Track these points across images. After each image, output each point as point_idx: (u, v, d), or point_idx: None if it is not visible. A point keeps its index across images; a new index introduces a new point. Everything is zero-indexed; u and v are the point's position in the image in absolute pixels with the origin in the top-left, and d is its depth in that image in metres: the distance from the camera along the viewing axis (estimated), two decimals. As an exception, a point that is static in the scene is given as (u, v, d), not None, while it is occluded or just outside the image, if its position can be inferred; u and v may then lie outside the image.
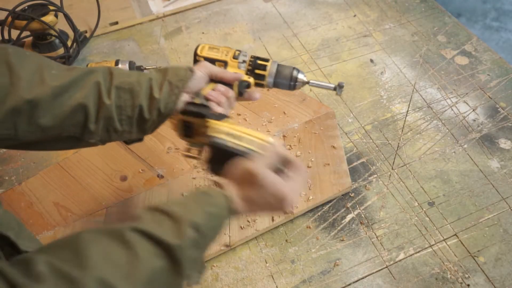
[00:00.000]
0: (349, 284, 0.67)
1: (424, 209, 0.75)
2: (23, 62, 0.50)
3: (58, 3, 0.98)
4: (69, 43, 1.01)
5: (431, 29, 1.08)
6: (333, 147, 0.82)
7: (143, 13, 1.16)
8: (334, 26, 1.10)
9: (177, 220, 0.43)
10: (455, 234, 0.72)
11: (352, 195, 0.77)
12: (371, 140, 0.86)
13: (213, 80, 0.62)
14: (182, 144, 0.83)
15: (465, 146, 0.84)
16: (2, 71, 0.48)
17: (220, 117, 0.58)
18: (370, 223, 0.74)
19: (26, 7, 0.94)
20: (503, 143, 0.84)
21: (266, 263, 0.69)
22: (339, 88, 0.63)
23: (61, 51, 1.00)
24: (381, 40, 1.06)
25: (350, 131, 0.87)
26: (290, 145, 0.82)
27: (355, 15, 1.13)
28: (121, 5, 1.17)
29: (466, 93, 0.93)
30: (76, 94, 0.52)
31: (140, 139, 0.61)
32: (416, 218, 0.74)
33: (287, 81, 0.63)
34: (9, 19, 0.92)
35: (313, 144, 0.83)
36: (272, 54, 1.03)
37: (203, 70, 0.60)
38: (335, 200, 0.76)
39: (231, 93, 0.61)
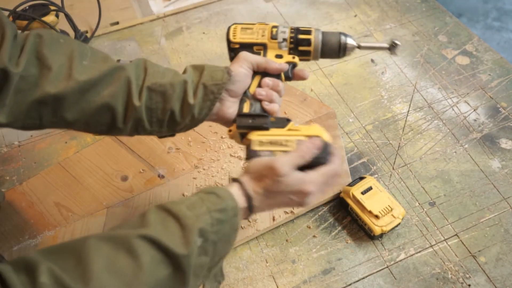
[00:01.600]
0: (350, 284, 0.67)
1: (425, 209, 0.75)
2: (54, 52, 0.48)
3: (59, 3, 0.99)
4: (70, 43, 1.01)
5: (432, 29, 1.08)
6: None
7: (144, 13, 1.16)
8: (335, 26, 1.10)
9: (185, 228, 0.42)
10: (456, 234, 0.72)
11: (353, 195, 0.77)
12: (371, 140, 0.85)
13: (256, 71, 0.56)
14: (183, 144, 0.84)
15: (466, 146, 0.84)
16: (32, 61, 0.47)
17: (282, 122, 0.53)
18: (370, 223, 0.73)
19: (27, 7, 0.94)
20: (504, 143, 0.84)
21: (267, 263, 0.69)
22: (392, 47, 0.57)
23: (62, 51, 1.00)
24: (382, 40, 1.06)
25: (351, 131, 0.87)
26: None
27: (356, 15, 1.13)
28: (122, 5, 1.17)
29: (467, 93, 0.93)
30: (103, 91, 0.49)
31: (172, 135, 0.58)
32: (417, 218, 0.74)
33: (335, 51, 0.57)
34: (10, 19, 0.92)
35: None
36: (273, 54, 1.03)
37: (245, 65, 0.55)
38: (335, 200, 0.76)
39: (281, 85, 0.56)
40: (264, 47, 0.57)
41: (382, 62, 1.00)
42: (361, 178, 0.75)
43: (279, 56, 0.57)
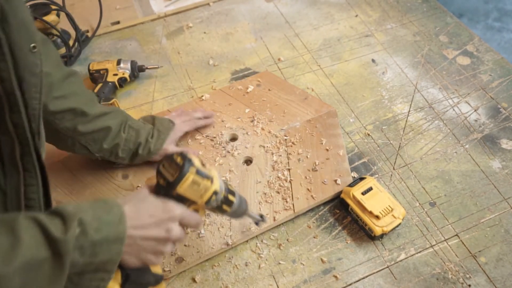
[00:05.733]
0: (350, 284, 0.67)
1: (425, 209, 0.75)
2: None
3: (60, 3, 0.99)
4: (71, 42, 1.01)
5: (433, 29, 1.08)
6: (335, 146, 0.82)
7: (145, 12, 1.16)
8: (335, 26, 1.10)
9: (67, 216, 0.44)
10: (456, 234, 0.72)
11: (353, 195, 0.77)
12: (372, 140, 0.85)
13: None
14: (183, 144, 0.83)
15: (467, 146, 0.84)
16: None
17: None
18: (371, 223, 0.73)
19: (29, 6, 0.94)
20: (505, 144, 0.84)
21: (267, 262, 0.69)
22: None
23: (62, 50, 1.00)
24: (383, 40, 1.06)
25: (351, 131, 0.87)
26: (292, 142, 0.82)
27: (356, 15, 1.13)
28: (123, 5, 1.17)
29: (468, 93, 0.93)
30: (109, 120, 0.72)
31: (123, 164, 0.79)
32: (417, 218, 0.74)
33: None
34: (11, 18, 0.92)
35: (315, 142, 0.83)
36: (274, 54, 1.03)
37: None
38: (336, 200, 0.76)
39: None
40: (195, 203, 0.56)
41: (383, 62, 1.00)
42: (361, 179, 0.75)
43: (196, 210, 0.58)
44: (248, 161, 0.81)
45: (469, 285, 0.66)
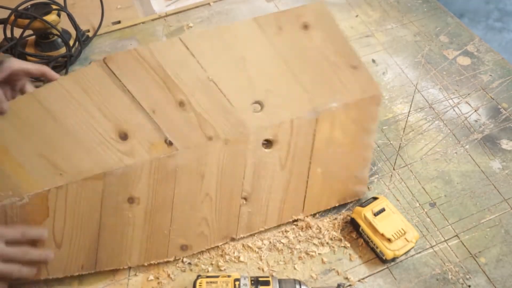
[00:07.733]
0: (350, 285, 0.67)
1: (425, 210, 0.75)
2: None
3: (61, 2, 0.99)
4: (71, 42, 1.01)
5: (433, 30, 1.08)
6: (363, 145, 0.71)
7: (146, 12, 1.16)
8: (336, 26, 1.10)
9: None
10: (456, 235, 0.72)
11: (353, 195, 0.77)
12: (372, 141, 0.85)
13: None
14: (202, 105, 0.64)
15: (467, 146, 0.84)
16: None
17: None
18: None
19: (29, 6, 0.94)
20: (505, 144, 0.84)
21: (268, 263, 0.70)
22: None
23: (63, 50, 1.00)
24: (383, 41, 1.06)
25: (351, 131, 0.87)
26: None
27: (357, 15, 1.12)
28: (124, 4, 1.17)
29: (468, 94, 0.93)
30: None
31: None
32: (417, 218, 0.74)
33: None
34: (12, 17, 0.92)
35: (342, 137, 0.69)
36: (274, 54, 1.03)
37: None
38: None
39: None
40: None
41: (383, 62, 1.00)
42: (374, 198, 0.72)
43: None
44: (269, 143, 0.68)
45: (469, 286, 0.67)
